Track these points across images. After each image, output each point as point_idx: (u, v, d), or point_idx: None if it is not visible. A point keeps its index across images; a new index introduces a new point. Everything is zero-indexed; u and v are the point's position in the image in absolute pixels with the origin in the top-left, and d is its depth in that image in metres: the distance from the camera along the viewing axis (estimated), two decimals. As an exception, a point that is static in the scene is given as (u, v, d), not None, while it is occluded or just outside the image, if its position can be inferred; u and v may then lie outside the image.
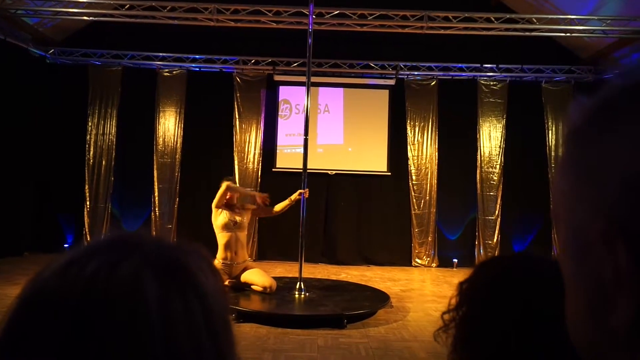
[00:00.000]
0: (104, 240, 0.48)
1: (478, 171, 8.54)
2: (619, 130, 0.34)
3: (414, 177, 8.55)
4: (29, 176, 8.14)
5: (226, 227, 5.46)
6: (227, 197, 5.54)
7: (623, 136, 0.34)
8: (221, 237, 5.48)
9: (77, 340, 0.40)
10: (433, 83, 8.60)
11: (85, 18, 7.49)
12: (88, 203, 8.34)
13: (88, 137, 8.41)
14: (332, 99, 8.69)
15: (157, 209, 8.39)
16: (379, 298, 5.52)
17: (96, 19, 7.43)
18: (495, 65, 8.41)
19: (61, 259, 0.46)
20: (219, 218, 5.49)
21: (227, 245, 5.45)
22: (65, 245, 7.96)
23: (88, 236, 8.25)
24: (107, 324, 0.40)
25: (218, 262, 5.45)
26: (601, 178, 0.34)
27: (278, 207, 5.70)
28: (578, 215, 0.36)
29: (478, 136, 8.56)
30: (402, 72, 8.56)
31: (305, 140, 5.70)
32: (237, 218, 5.52)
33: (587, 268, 0.36)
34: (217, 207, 5.50)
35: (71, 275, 0.43)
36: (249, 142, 8.53)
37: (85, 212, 8.32)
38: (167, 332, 0.42)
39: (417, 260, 8.48)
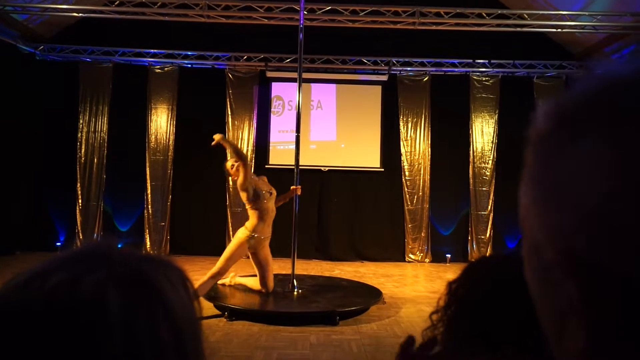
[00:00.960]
0: (71, 253, 0.47)
1: (471, 166, 8.56)
2: (578, 151, 0.31)
3: (406, 173, 8.56)
4: (20, 174, 8.08)
5: (263, 198, 5.14)
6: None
7: (582, 158, 0.30)
8: (254, 212, 5.15)
9: (36, 355, 0.39)
10: (425, 79, 8.60)
11: (74, 14, 7.42)
12: (80, 201, 8.30)
13: (79, 134, 8.35)
14: (324, 95, 8.67)
15: (149, 207, 8.35)
16: (372, 294, 5.54)
17: (86, 15, 7.37)
18: (487, 61, 8.42)
19: (26, 271, 0.45)
20: (252, 193, 5.11)
21: (262, 217, 5.14)
22: (58, 244, 7.91)
23: (80, 234, 8.21)
24: (67, 338, 0.40)
25: (247, 234, 5.10)
26: (558, 202, 0.32)
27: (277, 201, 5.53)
28: (537, 234, 0.34)
29: (470, 132, 8.58)
30: (394, 68, 8.55)
31: (297, 137, 5.69)
32: (269, 188, 5.31)
33: (546, 288, 0.34)
34: (245, 187, 5.06)
35: (33, 288, 0.42)
36: (241, 139, 8.50)
37: (78, 210, 8.28)
38: (130, 347, 0.41)
39: (411, 255, 8.50)
